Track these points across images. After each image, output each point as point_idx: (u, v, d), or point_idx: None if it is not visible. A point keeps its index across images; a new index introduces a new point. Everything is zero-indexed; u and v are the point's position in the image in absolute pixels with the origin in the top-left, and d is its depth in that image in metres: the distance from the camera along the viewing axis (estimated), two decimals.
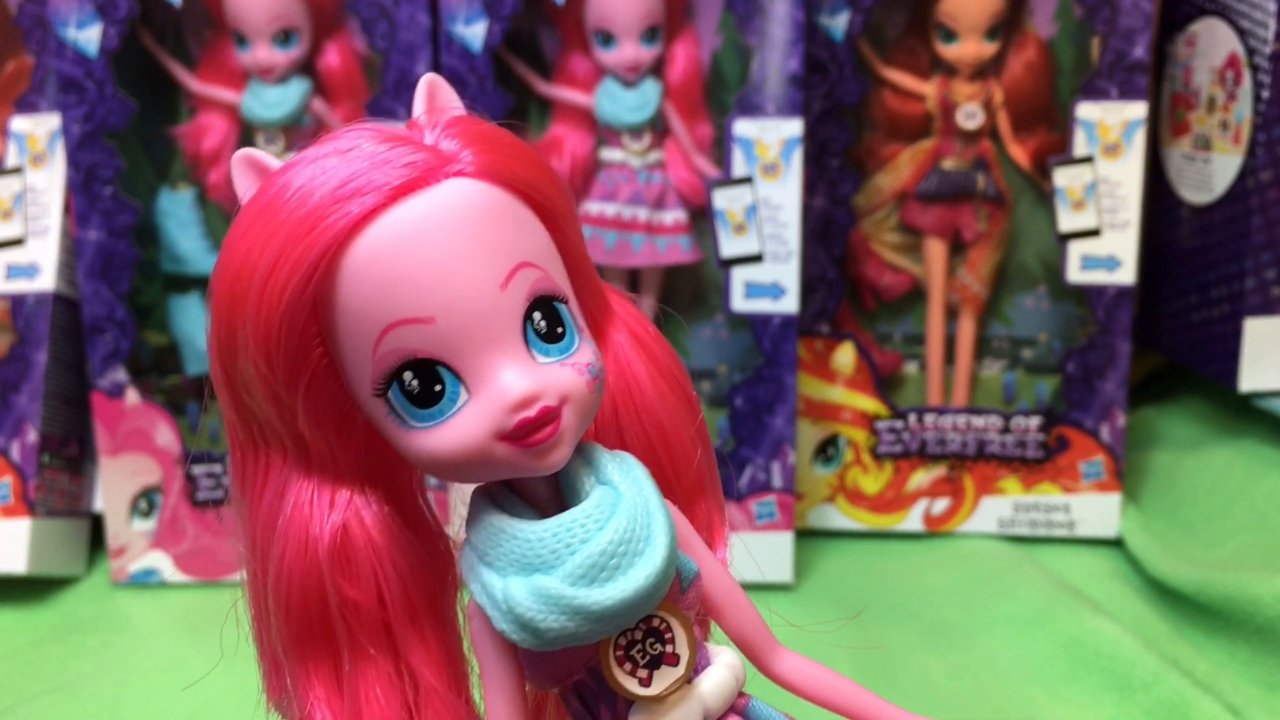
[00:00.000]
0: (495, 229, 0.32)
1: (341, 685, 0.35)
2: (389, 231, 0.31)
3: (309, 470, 0.34)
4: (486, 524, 0.33)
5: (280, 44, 0.77)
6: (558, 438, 0.32)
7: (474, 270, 0.31)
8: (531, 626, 0.32)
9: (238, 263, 0.32)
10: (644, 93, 0.78)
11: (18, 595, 0.78)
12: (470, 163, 0.32)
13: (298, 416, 0.33)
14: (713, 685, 0.35)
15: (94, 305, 0.78)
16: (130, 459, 0.79)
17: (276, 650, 0.36)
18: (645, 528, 0.32)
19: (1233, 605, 0.65)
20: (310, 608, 0.35)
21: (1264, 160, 0.77)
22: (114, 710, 0.64)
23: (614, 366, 0.37)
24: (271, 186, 0.32)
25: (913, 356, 0.86)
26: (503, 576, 0.32)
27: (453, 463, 0.32)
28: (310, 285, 0.31)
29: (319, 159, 0.32)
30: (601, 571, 0.32)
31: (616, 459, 0.34)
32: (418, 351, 0.31)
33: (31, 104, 0.82)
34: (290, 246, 0.31)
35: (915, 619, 0.71)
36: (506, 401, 0.31)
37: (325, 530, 0.34)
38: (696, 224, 0.80)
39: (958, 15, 0.80)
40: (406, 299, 0.31)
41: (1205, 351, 0.83)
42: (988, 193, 0.82)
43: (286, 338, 0.32)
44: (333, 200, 0.31)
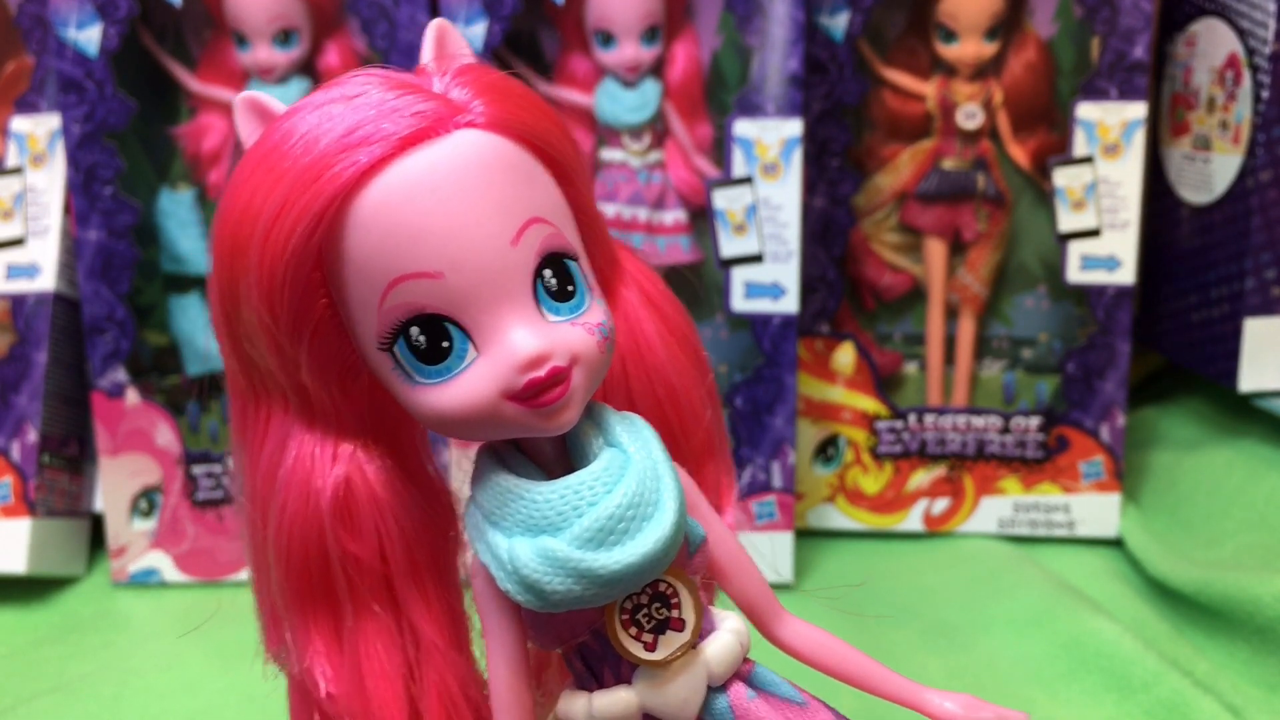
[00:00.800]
0: (506, 182, 0.31)
1: (341, 640, 0.35)
2: (397, 182, 0.30)
3: (311, 422, 0.34)
4: (493, 483, 0.33)
5: (280, 44, 0.77)
6: (567, 398, 0.32)
7: (484, 224, 0.31)
8: (537, 588, 0.31)
9: (240, 209, 0.31)
10: (644, 93, 0.78)
11: (18, 595, 0.79)
12: (481, 113, 0.32)
13: (301, 368, 0.33)
14: (718, 651, 0.34)
15: (94, 305, 0.78)
16: (130, 459, 0.79)
17: (276, 603, 0.35)
18: (654, 492, 0.32)
19: (1233, 605, 0.65)
20: (311, 561, 0.34)
21: (1264, 160, 0.77)
22: (114, 710, 0.64)
23: (624, 325, 0.36)
24: (276, 132, 0.31)
25: (913, 356, 0.86)
26: (509, 537, 0.32)
27: (459, 420, 0.32)
28: (315, 234, 0.30)
29: (325, 104, 0.31)
30: (609, 535, 0.31)
31: (625, 421, 0.34)
32: (425, 307, 0.31)
33: (32, 104, 0.82)
34: (296, 194, 0.30)
35: (915, 619, 0.71)
36: (516, 360, 0.31)
37: (328, 483, 0.34)
38: (696, 224, 0.80)
39: (958, 15, 0.80)
40: (414, 253, 0.30)
41: (1205, 351, 0.83)
42: (988, 193, 0.82)
43: (291, 287, 0.31)
44: (340, 148, 0.30)
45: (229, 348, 0.34)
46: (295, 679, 0.36)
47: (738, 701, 0.34)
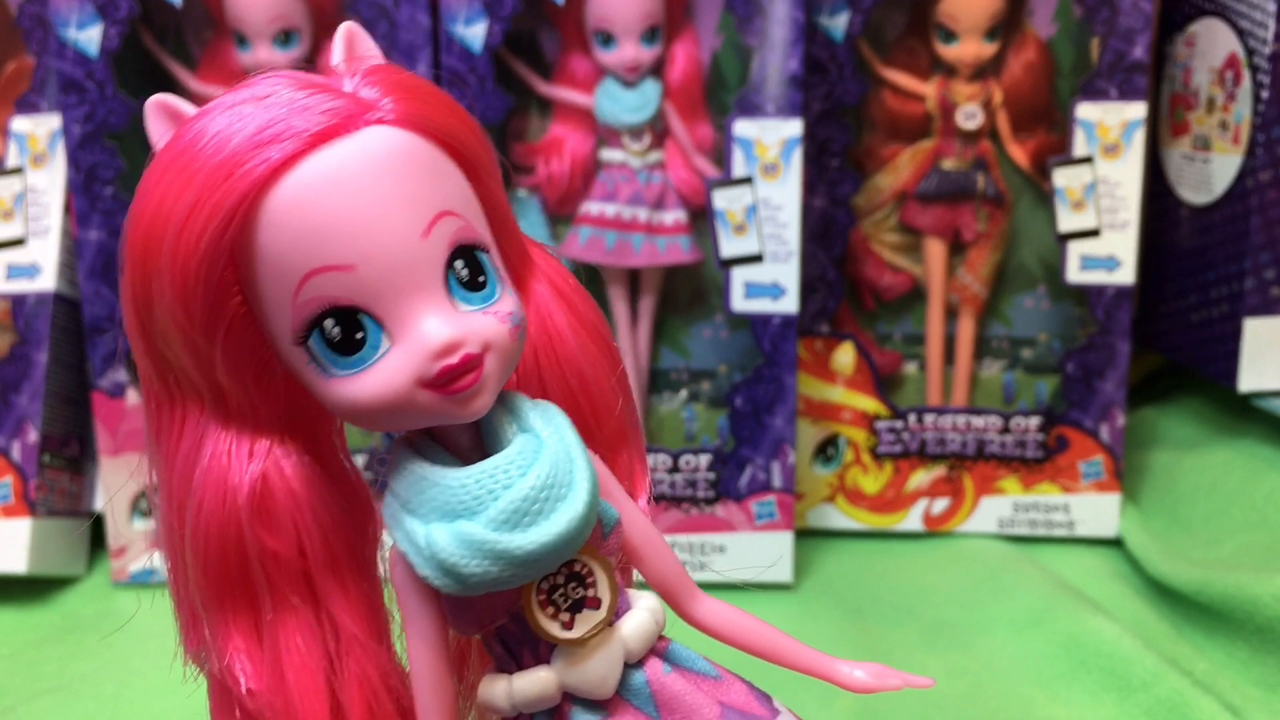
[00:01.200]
0: (416, 177, 0.32)
1: (261, 636, 0.35)
2: (309, 178, 0.31)
3: (227, 420, 0.34)
4: (408, 471, 0.33)
5: (281, 44, 0.78)
6: (480, 385, 0.32)
7: (395, 218, 0.31)
8: (455, 572, 0.32)
9: (152, 209, 0.31)
10: (644, 93, 0.78)
11: (18, 595, 0.79)
12: (390, 110, 0.32)
13: (216, 366, 0.33)
14: (633, 628, 0.35)
15: (95, 305, 0.78)
16: (131, 459, 0.79)
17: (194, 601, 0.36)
18: (567, 474, 0.33)
19: (1232, 605, 0.65)
20: (228, 558, 0.34)
21: (1263, 160, 0.77)
22: (114, 710, 0.64)
23: (535, 317, 0.37)
24: (187, 132, 0.32)
25: (912, 356, 0.87)
26: (426, 523, 0.33)
27: (375, 410, 0.32)
28: (228, 232, 0.31)
29: (235, 105, 0.32)
30: (524, 517, 0.32)
31: (538, 407, 0.35)
32: (339, 299, 0.31)
33: (32, 104, 0.82)
34: (207, 193, 0.31)
35: (915, 619, 0.72)
36: (429, 348, 0.31)
37: (244, 480, 0.34)
38: (696, 224, 0.80)
39: (957, 16, 0.80)
40: (327, 246, 0.31)
41: (1205, 351, 0.83)
42: (987, 193, 0.82)
43: (204, 286, 0.31)
44: (251, 146, 0.31)
45: (142, 348, 0.34)
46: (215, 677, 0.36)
47: (654, 677, 0.35)
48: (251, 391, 0.34)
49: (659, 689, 0.35)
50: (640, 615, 0.35)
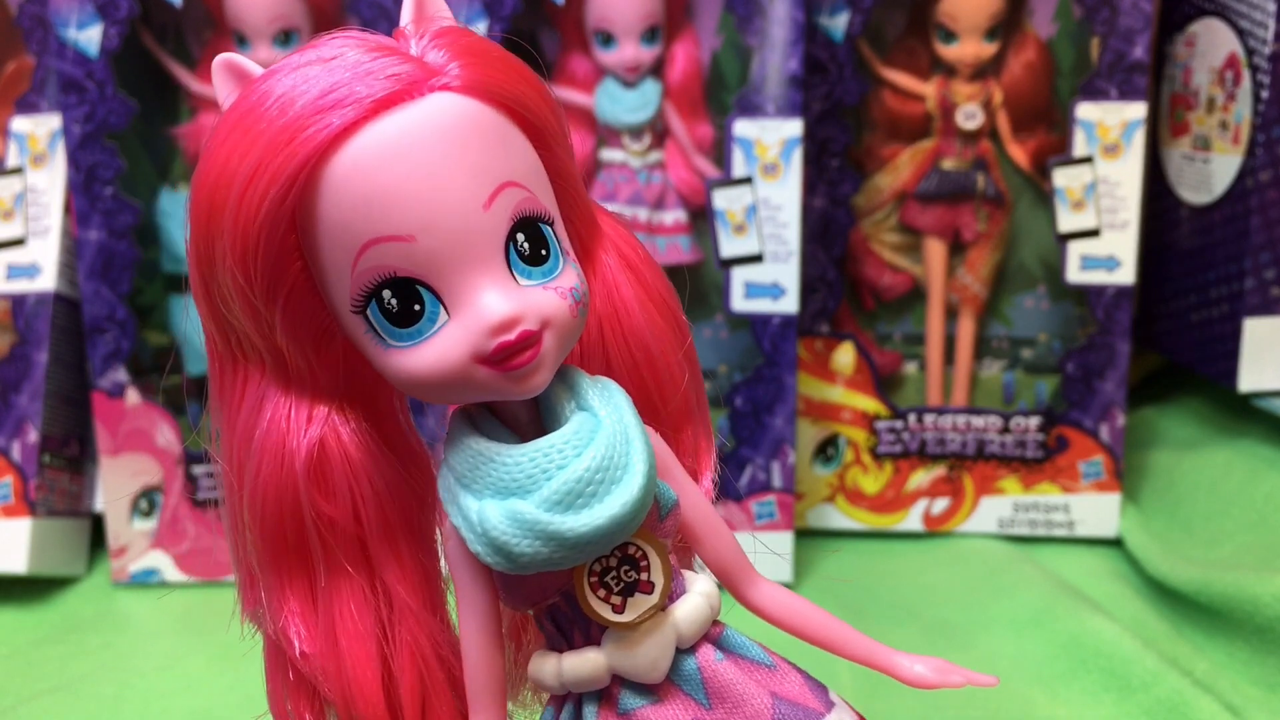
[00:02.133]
0: (479, 146, 0.31)
1: (316, 600, 0.35)
2: (370, 146, 0.30)
3: (287, 385, 0.34)
4: (464, 446, 0.33)
5: (281, 44, 0.78)
6: (537, 362, 0.32)
7: (457, 188, 0.31)
8: (505, 550, 0.32)
9: (216, 171, 0.31)
10: (644, 93, 0.78)
11: (18, 595, 0.79)
12: (457, 76, 0.32)
13: (275, 330, 0.33)
14: (687, 613, 0.34)
15: (95, 305, 0.78)
16: (131, 459, 0.79)
17: (251, 563, 0.36)
18: (623, 455, 0.32)
19: (1232, 605, 0.65)
20: (285, 522, 0.34)
21: (1263, 160, 0.77)
22: (114, 710, 0.64)
23: (601, 289, 0.36)
24: (252, 94, 0.31)
25: (912, 356, 0.87)
26: (479, 499, 0.32)
27: (430, 383, 0.32)
28: (289, 197, 0.30)
29: (301, 67, 0.31)
30: (578, 498, 0.32)
31: (598, 385, 0.34)
32: (397, 270, 0.31)
33: (32, 104, 0.82)
34: (269, 157, 0.30)
35: (915, 619, 0.72)
36: (486, 324, 0.31)
37: (302, 445, 0.34)
38: (696, 224, 0.80)
39: (957, 16, 0.80)
40: (386, 216, 0.30)
41: (1205, 351, 0.83)
42: (987, 193, 0.82)
43: (265, 250, 0.31)
44: (313, 111, 0.30)
45: (206, 310, 0.34)
46: (271, 638, 0.36)
47: (705, 663, 0.35)
48: (310, 357, 0.33)
49: (710, 676, 0.35)
50: (694, 600, 0.35)
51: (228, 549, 0.37)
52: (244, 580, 0.36)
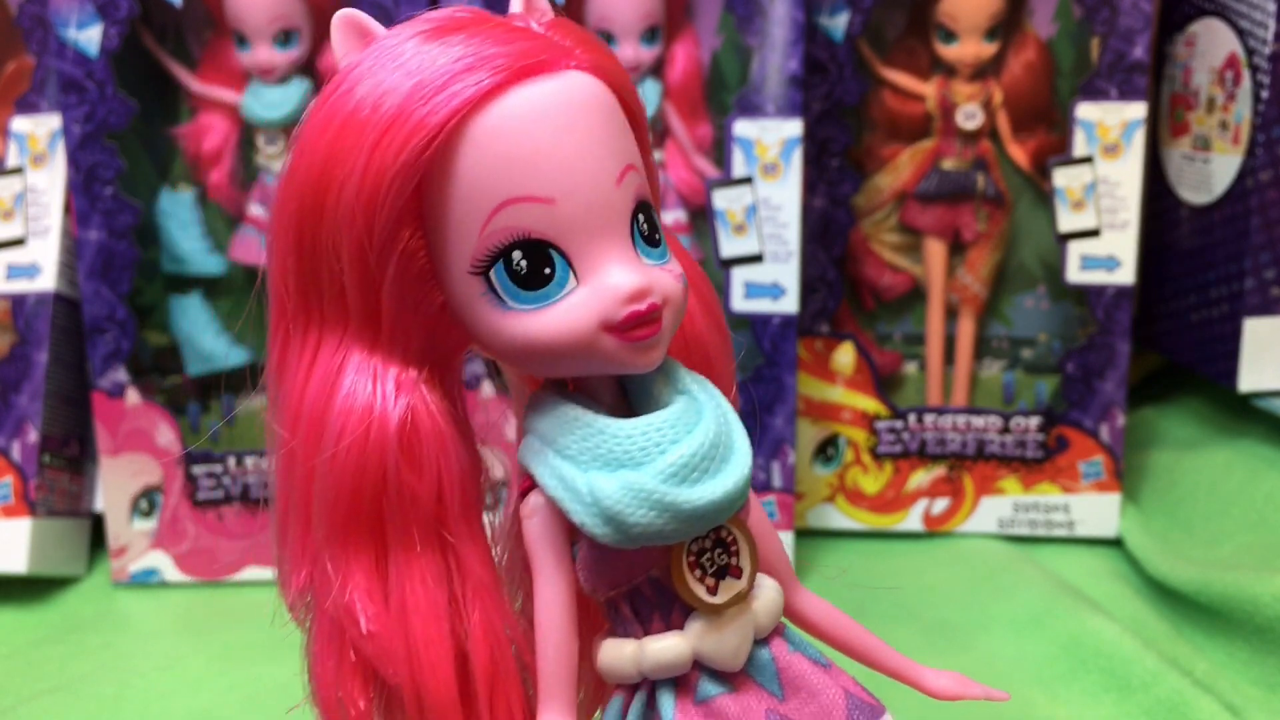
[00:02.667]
0: (608, 126, 0.32)
1: (387, 576, 0.34)
2: (517, 107, 0.31)
3: (373, 347, 0.33)
4: (566, 418, 0.33)
5: (281, 44, 0.78)
6: (659, 336, 0.32)
7: (595, 160, 0.32)
8: (618, 520, 0.32)
9: (344, 118, 0.31)
10: (644, 93, 0.78)
11: (18, 595, 0.79)
12: (584, 59, 0.33)
13: (383, 286, 0.32)
14: (765, 603, 0.35)
15: (94, 305, 0.78)
16: (131, 459, 0.79)
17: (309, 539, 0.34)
18: (729, 437, 0.33)
19: (1232, 605, 0.65)
20: (363, 492, 0.33)
21: (1263, 160, 0.77)
22: (114, 710, 0.64)
23: None
24: (383, 50, 0.31)
25: (912, 356, 0.87)
26: (584, 470, 0.32)
27: (553, 347, 0.32)
28: (429, 149, 0.31)
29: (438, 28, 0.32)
30: (693, 472, 0.32)
31: (693, 374, 0.35)
32: (532, 231, 0.31)
33: (32, 104, 0.82)
34: (412, 105, 0.30)
35: (915, 619, 0.72)
36: (620, 292, 0.32)
37: (394, 413, 0.33)
38: (696, 224, 0.80)
39: (957, 16, 0.80)
40: (528, 176, 0.31)
41: (1205, 351, 0.83)
42: (987, 193, 0.82)
43: (393, 199, 0.31)
44: (462, 69, 0.31)
45: (293, 265, 0.33)
46: (327, 619, 0.35)
47: (780, 654, 0.35)
48: (406, 319, 0.33)
49: (785, 666, 0.35)
50: (770, 592, 0.35)
51: (272, 524, 0.35)
52: (293, 557, 0.35)
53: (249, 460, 0.80)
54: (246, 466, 0.80)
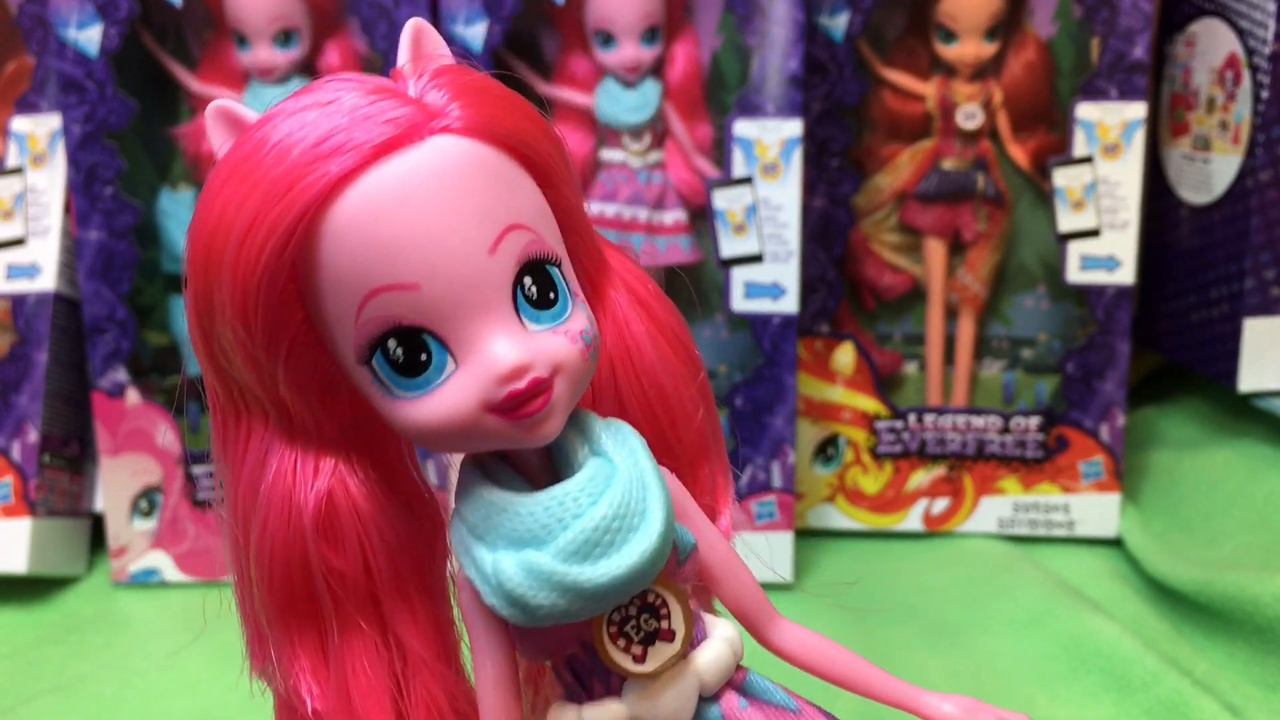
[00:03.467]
0: (483, 189, 0.31)
1: (327, 655, 0.34)
2: (369, 193, 0.29)
3: (292, 437, 0.33)
4: (476, 496, 0.32)
5: (281, 44, 0.78)
6: (549, 409, 0.31)
7: (460, 234, 0.30)
8: (522, 603, 0.31)
9: (213, 221, 0.30)
10: (644, 93, 0.78)
11: (18, 595, 0.79)
12: (457, 118, 0.31)
13: (278, 382, 0.32)
14: (709, 660, 0.34)
15: (95, 305, 0.78)
16: (131, 459, 0.79)
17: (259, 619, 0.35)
18: (640, 502, 0.32)
19: (1232, 605, 0.65)
20: (294, 577, 0.33)
21: (1263, 160, 0.77)
22: (114, 710, 0.64)
23: (612, 326, 0.36)
24: (248, 141, 0.30)
25: (912, 356, 0.87)
26: (493, 550, 0.32)
27: (440, 433, 0.31)
28: (288, 248, 0.30)
29: (297, 112, 0.30)
30: (595, 548, 0.31)
31: (611, 428, 0.33)
32: (402, 319, 0.30)
33: (32, 104, 0.82)
34: (267, 206, 0.29)
35: (915, 619, 0.72)
36: (495, 372, 0.30)
37: (309, 498, 0.33)
38: (696, 224, 0.80)
39: (957, 16, 0.80)
40: (389, 264, 0.30)
41: (1205, 351, 0.83)
42: (987, 193, 0.82)
43: (265, 301, 0.30)
44: (310, 159, 0.29)
45: (206, 361, 0.33)
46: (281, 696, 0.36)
47: (729, 711, 0.34)
48: (315, 408, 0.33)
49: None
50: (716, 647, 0.34)
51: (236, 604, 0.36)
52: (252, 636, 0.36)
53: None
54: None
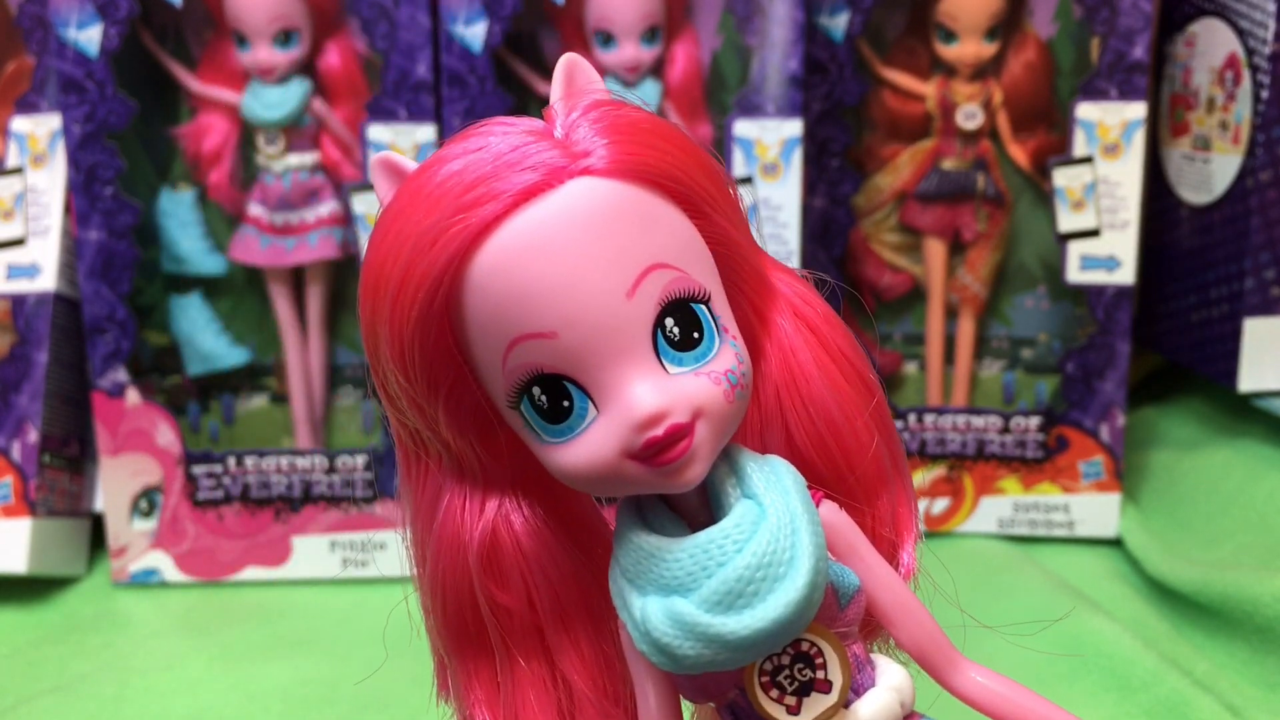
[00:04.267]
0: (622, 231, 0.30)
1: (500, 688, 0.35)
2: (507, 242, 0.30)
3: (460, 476, 0.34)
4: (629, 540, 0.32)
5: (281, 44, 0.77)
6: (689, 456, 0.30)
7: (597, 279, 0.30)
8: (668, 651, 0.31)
9: (374, 275, 0.31)
10: (644, 93, 0.78)
11: (18, 595, 0.79)
12: (601, 158, 0.30)
13: (440, 426, 0.33)
14: (872, 711, 0.33)
15: (94, 305, 0.78)
16: (131, 459, 0.79)
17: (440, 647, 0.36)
18: (789, 549, 0.30)
19: (1232, 605, 0.65)
20: (464, 611, 0.35)
21: (1263, 160, 0.77)
22: (114, 710, 0.64)
23: (777, 354, 0.35)
24: (405, 192, 0.31)
25: (913, 356, 0.87)
26: (643, 595, 0.31)
27: (587, 479, 0.31)
28: (436, 300, 0.30)
29: (448, 160, 0.31)
30: (738, 598, 0.30)
31: (764, 467, 0.32)
32: (543, 367, 0.30)
33: (32, 104, 0.82)
34: (418, 257, 0.30)
35: None
36: (633, 420, 0.30)
37: (475, 536, 0.34)
38: None
39: (957, 15, 0.80)
40: (527, 313, 0.30)
41: (1205, 351, 0.83)
42: (987, 193, 0.82)
43: (420, 350, 0.31)
44: (455, 210, 0.30)
45: (385, 402, 0.34)
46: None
47: None
48: (478, 449, 0.33)
49: None
50: (882, 696, 0.33)
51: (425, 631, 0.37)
52: (437, 663, 0.37)
53: (249, 460, 0.80)
54: (246, 466, 0.80)
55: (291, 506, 0.80)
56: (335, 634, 0.73)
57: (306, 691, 0.65)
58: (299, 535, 0.80)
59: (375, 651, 0.70)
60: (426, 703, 0.38)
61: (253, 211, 0.81)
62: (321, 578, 0.80)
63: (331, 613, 0.76)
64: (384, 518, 0.80)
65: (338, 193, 0.80)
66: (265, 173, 0.80)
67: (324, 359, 0.84)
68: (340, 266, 0.83)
